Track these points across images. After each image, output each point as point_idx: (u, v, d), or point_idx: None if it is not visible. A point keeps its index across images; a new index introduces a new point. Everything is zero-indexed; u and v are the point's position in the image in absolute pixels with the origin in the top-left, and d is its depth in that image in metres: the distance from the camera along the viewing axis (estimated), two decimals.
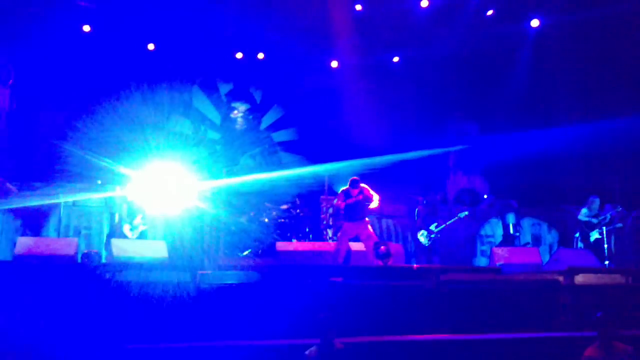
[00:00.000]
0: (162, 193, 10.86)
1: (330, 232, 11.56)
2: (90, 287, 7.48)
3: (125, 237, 9.72)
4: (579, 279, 8.23)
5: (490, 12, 13.76)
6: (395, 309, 7.65)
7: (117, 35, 13.38)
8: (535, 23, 13.80)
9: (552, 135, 13.32)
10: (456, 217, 10.47)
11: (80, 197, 10.39)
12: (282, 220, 11.71)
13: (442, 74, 14.59)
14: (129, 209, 10.04)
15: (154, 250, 9.01)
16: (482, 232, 12.25)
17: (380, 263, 9.02)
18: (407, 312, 7.64)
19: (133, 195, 10.26)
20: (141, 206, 10.14)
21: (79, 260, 8.86)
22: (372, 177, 11.01)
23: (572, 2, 13.25)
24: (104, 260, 9.23)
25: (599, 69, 13.36)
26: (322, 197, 12.06)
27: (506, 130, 13.79)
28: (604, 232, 10.22)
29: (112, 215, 10.33)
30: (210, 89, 14.75)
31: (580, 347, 5.86)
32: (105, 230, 10.59)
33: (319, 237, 11.69)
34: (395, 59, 15.13)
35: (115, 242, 8.88)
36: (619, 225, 10.33)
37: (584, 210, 10.35)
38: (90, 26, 13.18)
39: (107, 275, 7.64)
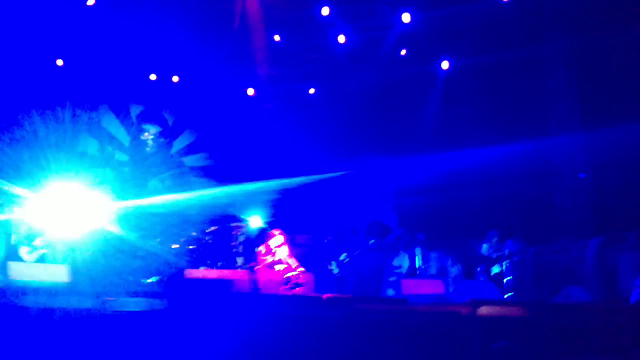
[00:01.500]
0: (65, 215, 10.35)
1: (240, 260, 11.41)
2: None
3: (22, 260, 9.17)
4: (482, 310, 8.50)
5: (403, 52, 14.31)
6: (303, 340, 7.63)
7: (20, 49, 12.81)
8: (445, 65, 14.45)
9: (458, 171, 13.91)
10: (364, 248, 10.63)
11: None
12: (192, 246, 11.43)
13: (356, 106, 14.97)
14: (28, 231, 9.48)
15: (55, 274, 8.56)
16: (391, 264, 12.45)
17: (289, 292, 9.00)
18: (315, 343, 7.64)
19: (32, 217, 9.72)
20: (41, 228, 9.62)
21: None
22: (283, 204, 11.03)
23: (479, 46, 13.99)
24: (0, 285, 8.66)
25: (505, 106, 14.12)
26: (233, 223, 11.89)
27: (415, 164, 14.28)
28: (504, 266, 10.70)
29: (8, 237, 9.71)
30: (120, 109, 14.32)
31: None
32: (1, 253, 9.92)
33: (229, 264, 11.51)
34: (311, 91, 15.39)
35: (12, 265, 8.37)
36: (517, 259, 10.84)
37: (484, 246, 10.84)
38: None
39: (4, 300, 7.19)
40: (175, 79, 14.39)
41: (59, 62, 13.42)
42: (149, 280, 10.74)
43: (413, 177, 13.76)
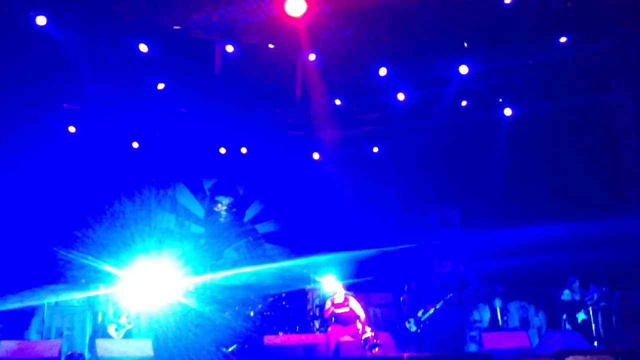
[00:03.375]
0: (147, 290, 10.77)
1: (317, 324, 11.42)
2: None
3: (110, 337, 9.52)
4: None
5: (464, 103, 14.30)
6: None
7: (102, 135, 13.66)
8: (508, 112, 14.33)
9: (532, 221, 13.59)
10: (441, 302, 10.43)
11: (63, 297, 10.25)
12: (268, 313, 11.58)
13: (422, 163, 14.98)
14: (115, 308, 9.87)
15: (139, 349, 8.84)
16: (470, 318, 12.17)
17: (369, 353, 8.91)
18: None
19: (118, 293, 10.14)
20: (126, 305, 10.00)
21: None
22: (357, 265, 11.05)
23: (542, 93, 13.87)
24: None
25: (572, 153, 13.86)
26: (307, 288, 12.00)
27: (487, 215, 14.04)
28: (590, 313, 10.24)
29: (95, 314, 10.15)
30: (193, 184, 14.94)
31: None
32: (88, 331, 10.36)
33: (306, 328, 11.54)
34: (375, 150, 15.53)
35: (99, 342, 8.72)
36: (603, 304, 10.36)
37: (566, 292, 10.42)
38: (75, 127, 13.44)
39: None
40: (243, 150, 14.88)
41: (135, 145, 14.15)
42: (230, 350, 10.93)
43: (487, 234, 13.55)
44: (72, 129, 13.42)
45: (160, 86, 13.23)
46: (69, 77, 12.77)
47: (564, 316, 10.54)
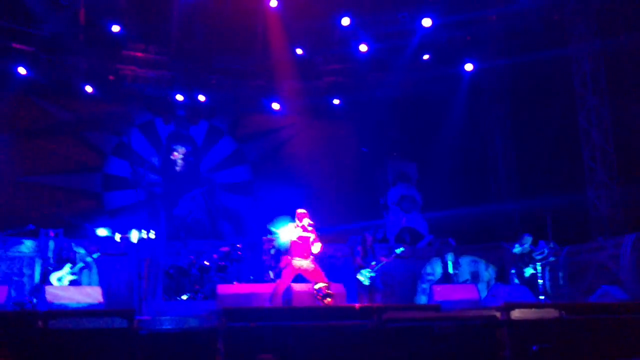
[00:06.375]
0: (100, 238, 10.62)
1: (272, 274, 11.44)
2: (21, 336, 7.19)
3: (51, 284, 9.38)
4: (515, 314, 8.35)
5: (426, 57, 14.21)
6: (337, 350, 7.61)
7: (54, 78, 13.22)
8: (469, 67, 14.31)
9: (488, 176, 13.76)
10: (393, 254, 10.54)
11: (11, 244, 10.06)
12: (223, 263, 11.55)
13: (381, 116, 14.94)
14: (57, 258, 9.66)
15: (89, 295, 8.76)
16: (423, 271, 12.40)
17: (321, 303, 8.97)
18: (349, 353, 7.61)
19: (65, 241, 9.95)
20: (71, 255, 9.80)
21: (10, 308, 8.51)
22: (312, 217, 11.01)
23: (503, 48, 13.88)
24: (35, 308, 8.89)
25: (532, 109, 13.99)
26: (263, 238, 11.96)
27: (444, 170, 14.18)
28: (538, 268, 10.50)
29: (44, 261, 9.96)
30: (149, 131, 14.64)
31: None
32: (37, 277, 10.20)
33: (261, 279, 11.57)
34: (336, 102, 15.40)
35: (48, 288, 8.60)
36: (552, 259, 10.63)
37: (517, 247, 10.64)
38: (25, 69, 12.94)
39: (39, 323, 7.35)
40: (201, 97, 14.54)
41: (88, 89, 13.71)
42: (183, 297, 10.92)
43: (443, 189, 13.68)
44: (22, 71, 12.92)
45: (115, 29, 12.79)
46: (19, 17, 12.25)
47: (513, 270, 10.79)
